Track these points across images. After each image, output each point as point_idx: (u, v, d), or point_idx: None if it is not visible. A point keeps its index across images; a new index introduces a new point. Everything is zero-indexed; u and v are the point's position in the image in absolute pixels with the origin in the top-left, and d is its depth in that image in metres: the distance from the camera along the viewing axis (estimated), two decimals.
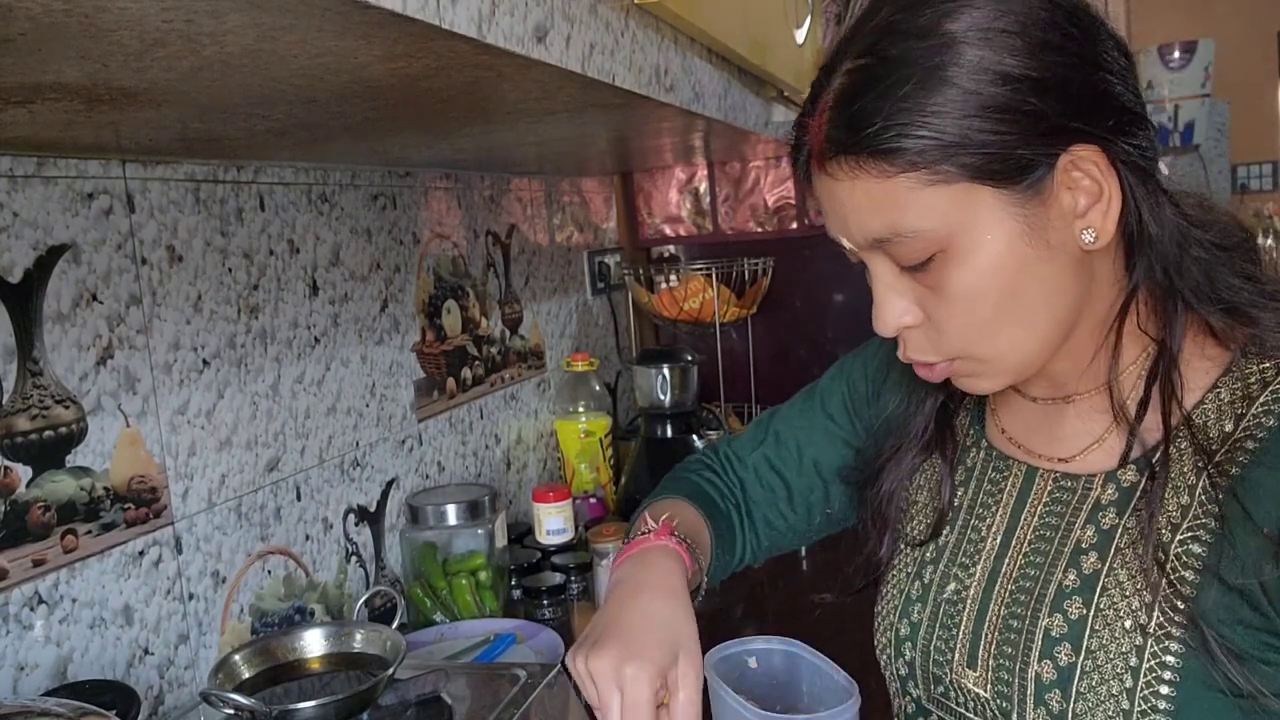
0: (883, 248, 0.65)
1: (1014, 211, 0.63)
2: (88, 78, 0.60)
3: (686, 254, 2.32)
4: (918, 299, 0.67)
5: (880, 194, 0.63)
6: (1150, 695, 0.63)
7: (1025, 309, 0.65)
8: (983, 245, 0.63)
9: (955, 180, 0.61)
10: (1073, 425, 0.74)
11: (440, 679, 1.01)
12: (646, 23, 0.90)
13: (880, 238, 0.65)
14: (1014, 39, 0.60)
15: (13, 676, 0.90)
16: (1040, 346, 0.67)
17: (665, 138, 1.45)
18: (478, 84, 0.76)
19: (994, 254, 0.63)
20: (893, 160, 0.62)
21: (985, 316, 0.65)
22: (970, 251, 0.63)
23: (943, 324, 0.66)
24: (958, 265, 0.64)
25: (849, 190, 0.65)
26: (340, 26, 0.53)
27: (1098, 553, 0.68)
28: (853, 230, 0.66)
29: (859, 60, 0.64)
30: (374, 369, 1.43)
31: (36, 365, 0.93)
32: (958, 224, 0.62)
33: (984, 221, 0.63)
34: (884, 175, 0.62)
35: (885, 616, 0.82)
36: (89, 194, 0.99)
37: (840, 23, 2.22)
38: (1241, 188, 4.31)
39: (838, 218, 0.67)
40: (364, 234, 1.42)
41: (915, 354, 0.70)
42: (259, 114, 0.81)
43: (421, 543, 1.44)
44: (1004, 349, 0.67)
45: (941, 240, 0.63)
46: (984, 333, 0.66)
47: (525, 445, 1.88)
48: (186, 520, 1.09)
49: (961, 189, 0.62)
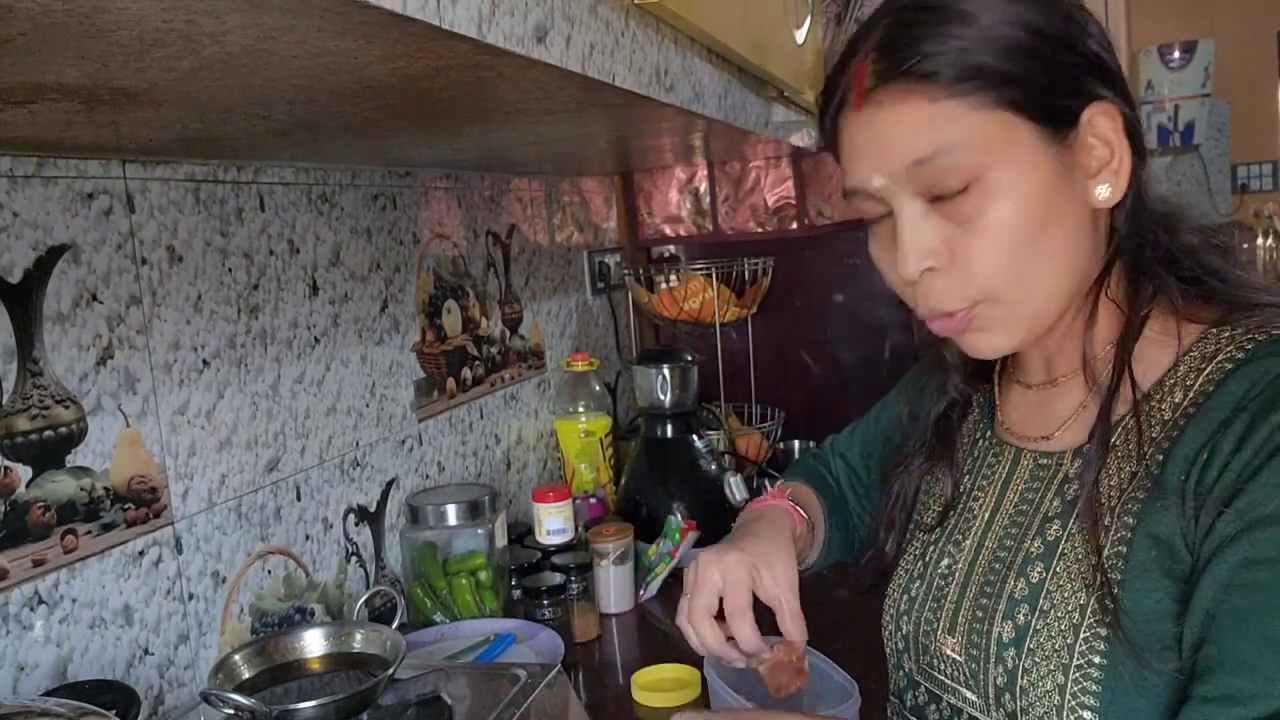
0: (921, 175, 0.67)
1: (1049, 152, 0.67)
2: (88, 78, 0.60)
3: (686, 254, 2.32)
4: (944, 240, 0.69)
5: (928, 116, 0.66)
6: (1086, 650, 0.67)
7: (1050, 250, 0.68)
8: (1019, 178, 0.66)
9: (995, 108, 0.66)
10: (1058, 407, 0.78)
11: (440, 679, 1.01)
12: (646, 23, 0.90)
13: (924, 157, 0.67)
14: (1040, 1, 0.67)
15: (13, 676, 0.90)
16: (1055, 295, 0.70)
17: (665, 138, 1.45)
18: (478, 84, 0.76)
19: (1028, 188, 0.67)
20: (939, 83, 0.66)
21: (1015, 250, 0.68)
22: (1006, 184, 0.66)
23: (971, 259, 0.68)
24: (994, 195, 0.67)
25: (896, 116, 0.68)
26: (340, 27, 0.53)
27: (1059, 521, 0.73)
28: (894, 158, 0.68)
29: (901, 12, 0.69)
30: (374, 369, 1.43)
31: (36, 365, 0.93)
32: (998, 152, 0.66)
33: (1021, 156, 0.66)
34: (931, 98, 0.66)
35: (890, 594, 0.87)
36: (89, 194, 0.99)
37: (840, 23, 2.22)
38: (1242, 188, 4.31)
39: (877, 149, 0.69)
40: (364, 234, 1.42)
41: (936, 303, 0.71)
42: (259, 114, 0.81)
43: (421, 543, 1.44)
44: (1026, 290, 0.69)
45: (981, 166, 0.66)
46: (1011, 268, 0.68)
47: (525, 445, 1.88)
48: (186, 520, 1.09)
49: (1002, 118, 0.66)
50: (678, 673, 1.22)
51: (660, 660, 1.26)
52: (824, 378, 2.24)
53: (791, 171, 2.13)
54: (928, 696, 0.81)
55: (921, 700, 0.82)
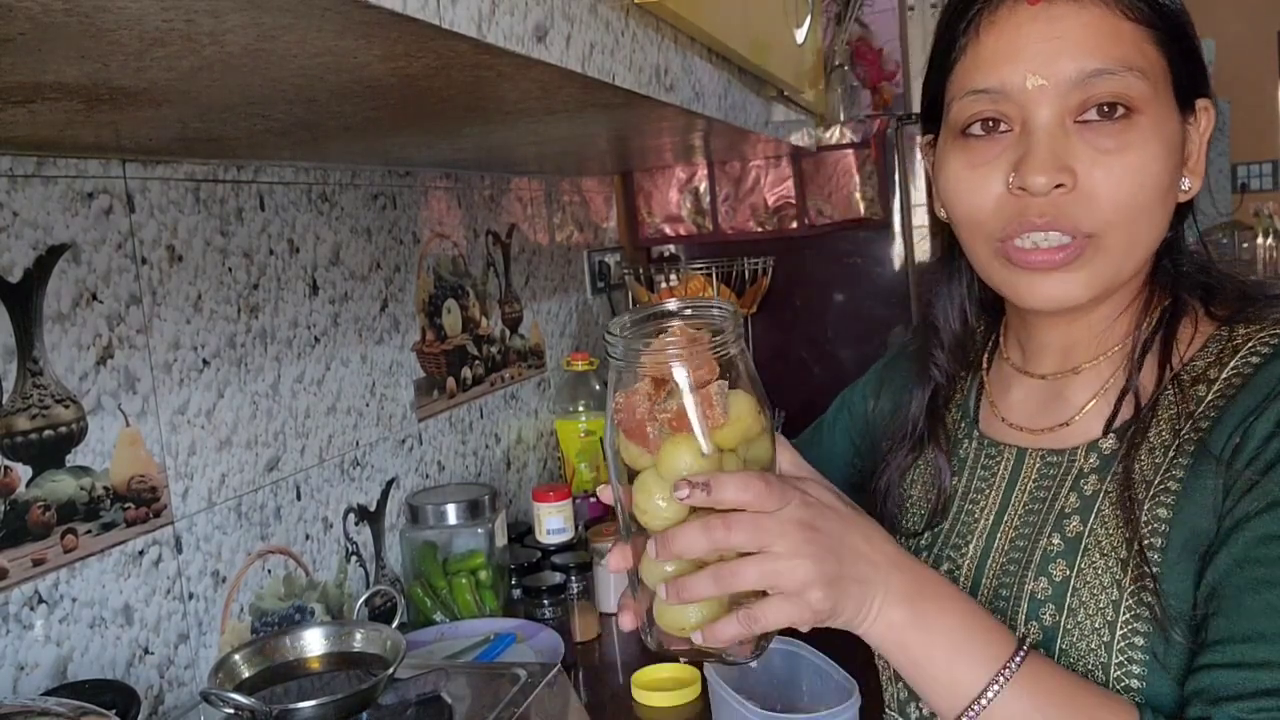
0: (1091, 86, 0.66)
1: (1179, 130, 0.70)
2: (88, 77, 0.60)
3: (686, 253, 2.32)
4: (1081, 161, 0.67)
5: (1118, 31, 0.67)
6: (1126, 648, 0.66)
7: (1160, 213, 0.69)
8: (1164, 131, 0.68)
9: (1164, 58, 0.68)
10: (1074, 398, 0.76)
11: (440, 678, 1.01)
12: (646, 22, 0.90)
13: (1104, 69, 0.66)
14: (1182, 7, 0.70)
15: (13, 676, 0.90)
16: (1142, 258, 0.71)
17: (665, 137, 1.45)
18: (478, 84, 0.76)
19: (1167, 145, 0.68)
20: (1143, 10, 0.67)
21: (1145, 195, 0.68)
22: (1155, 128, 0.67)
23: (1101, 188, 0.67)
24: (1145, 134, 0.67)
25: (1086, 17, 0.67)
26: (340, 26, 0.53)
27: (1079, 517, 0.71)
28: (1068, 61, 0.66)
29: None
30: (374, 368, 1.43)
31: (36, 365, 0.93)
32: (1156, 98, 0.67)
33: (1167, 116, 0.69)
34: (1130, 15, 0.67)
35: None
36: (89, 193, 0.99)
37: (840, 23, 2.22)
38: (1242, 187, 4.31)
39: (1050, 48, 0.67)
40: (364, 233, 1.42)
41: (1057, 220, 0.67)
42: (259, 114, 0.81)
43: (421, 542, 1.44)
44: (1132, 242, 0.69)
45: (1145, 100, 0.67)
46: (1134, 212, 0.68)
47: (525, 445, 1.88)
48: (186, 520, 1.09)
49: (1165, 71, 0.68)
50: (678, 672, 1.22)
51: (660, 660, 1.26)
52: (824, 377, 2.24)
53: (791, 171, 2.13)
54: (930, 711, 0.76)
55: (926, 713, 0.78)
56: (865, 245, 2.17)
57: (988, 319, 0.86)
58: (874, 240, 2.16)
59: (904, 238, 2.12)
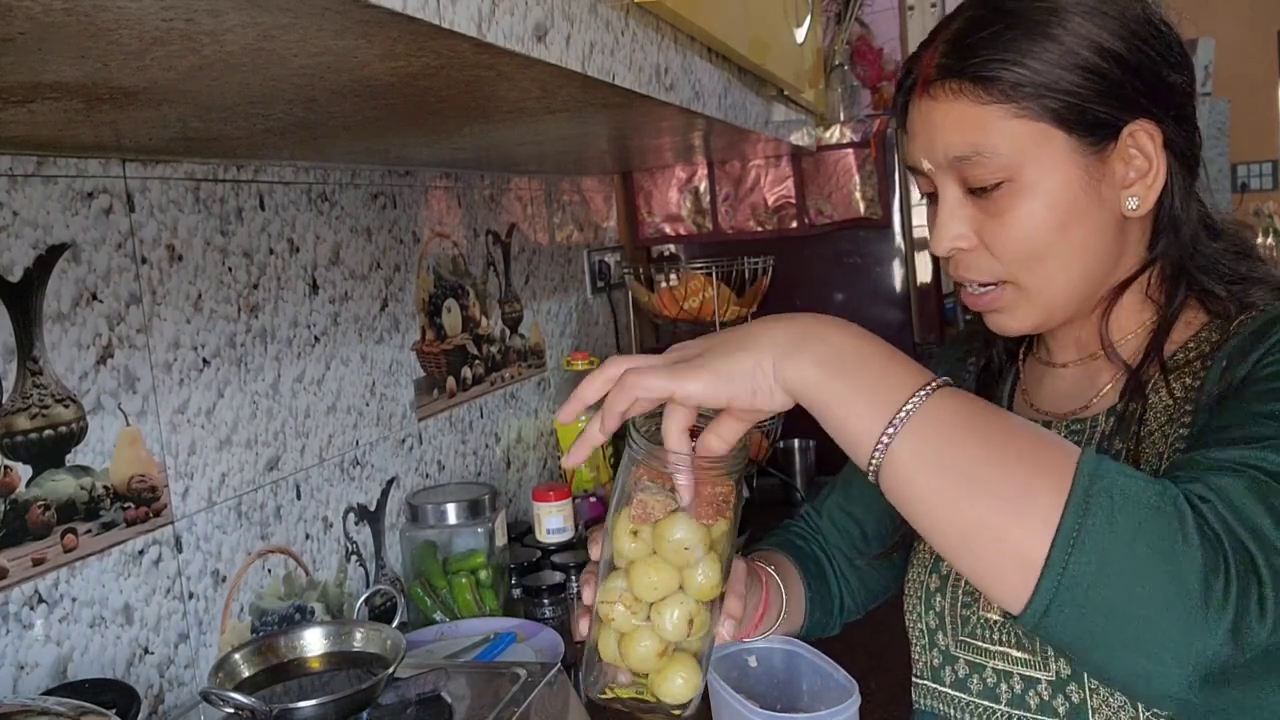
0: (959, 168, 0.75)
1: (1078, 160, 0.73)
2: (87, 77, 0.60)
3: (686, 253, 2.32)
4: (975, 226, 0.76)
5: (972, 117, 0.73)
6: None
7: (1069, 247, 0.74)
8: (1046, 181, 0.73)
9: (1037, 119, 0.72)
10: (1097, 380, 0.82)
11: (440, 678, 1.01)
12: (646, 22, 0.90)
13: (962, 155, 0.74)
14: (1113, 22, 0.72)
15: (13, 675, 0.90)
16: (1071, 289, 0.76)
17: (665, 137, 1.45)
18: (478, 83, 0.76)
19: (1054, 191, 0.73)
20: (989, 89, 0.72)
21: (1036, 245, 0.74)
22: (1034, 184, 0.73)
23: (998, 248, 0.75)
24: (1021, 195, 0.73)
25: (945, 111, 0.74)
26: (340, 25, 0.53)
27: None
28: (938, 149, 0.75)
29: (979, 9, 0.75)
30: (374, 368, 1.43)
31: (36, 364, 0.93)
32: (1030, 157, 0.72)
33: (1052, 161, 0.73)
34: (979, 101, 0.73)
35: (915, 579, 0.87)
36: (89, 193, 0.99)
37: (840, 22, 2.22)
38: (1242, 187, 4.31)
39: (927, 138, 0.77)
40: (364, 233, 1.42)
41: (964, 272, 0.78)
42: (259, 113, 0.81)
43: (421, 541, 1.44)
44: (1044, 281, 0.75)
45: (1013, 169, 0.73)
46: (1030, 261, 0.75)
47: (525, 444, 1.88)
48: (186, 519, 1.09)
49: (1040, 128, 0.72)
50: None
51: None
52: None
53: (791, 170, 2.13)
54: (969, 669, 0.81)
55: (962, 674, 0.82)
56: (865, 245, 2.17)
57: None
58: (874, 240, 2.16)
59: (904, 237, 2.12)
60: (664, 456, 0.65)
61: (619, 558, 0.68)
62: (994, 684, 0.79)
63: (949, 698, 0.83)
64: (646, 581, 0.66)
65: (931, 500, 0.59)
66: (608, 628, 0.69)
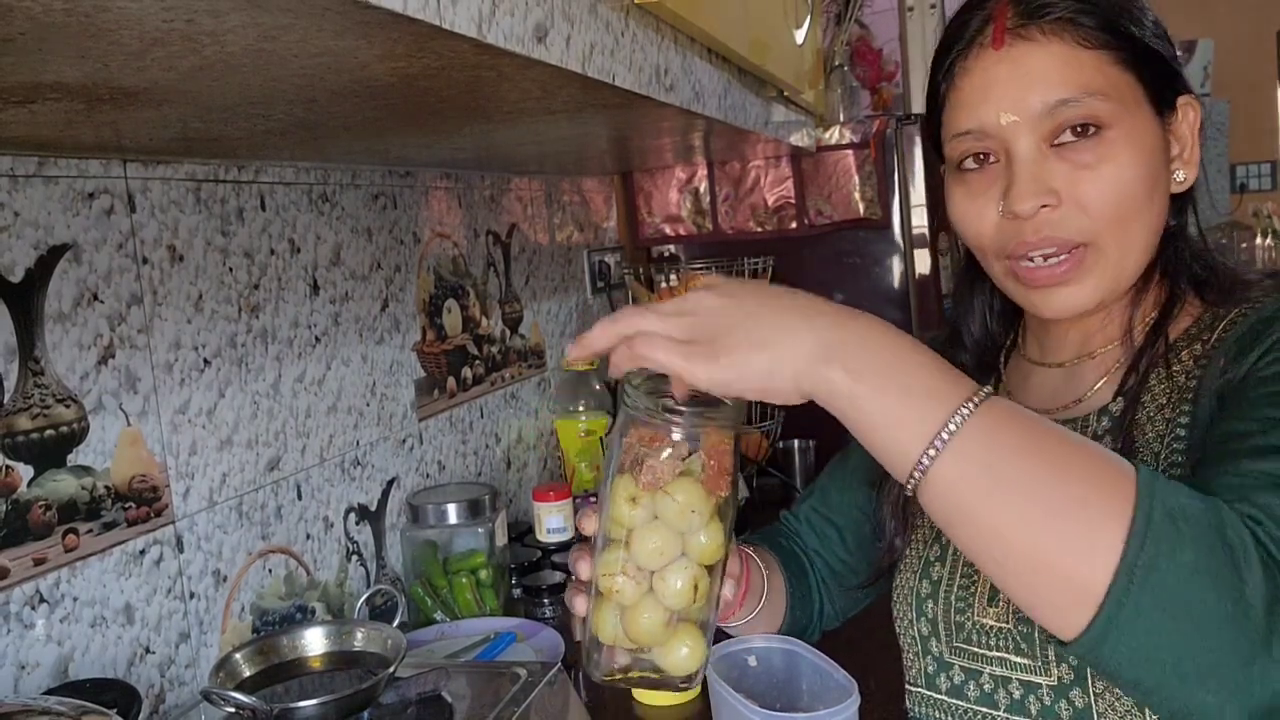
0: (1059, 114, 0.72)
1: (1157, 126, 0.75)
2: (88, 77, 0.60)
3: (686, 253, 2.32)
4: (1063, 181, 0.73)
5: (1077, 59, 0.72)
6: None
7: (1152, 213, 0.74)
8: (1138, 139, 0.73)
9: (1130, 72, 0.73)
10: (1090, 377, 0.81)
11: (441, 677, 1.01)
12: (646, 23, 0.91)
13: (1068, 98, 0.72)
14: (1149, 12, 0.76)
15: (14, 675, 0.90)
16: (1139, 262, 0.75)
17: (665, 137, 1.46)
18: (478, 84, 0.76)
19: (1145, 151, 0.73)
20: (1090, 31, 0.72)
21: (1130, 202, 0.73)
22: (1128, 139, 0.72)
23: (1090, 202, 0.72)
24: (1116, 147, 0.72)
25: (1045, 53, 0.72)
26: (340, 26, 0.53)
27: None
28: (1034, 96, 0.72)
29: None
30: (374, 368, 1.43)
31: (38, 364, 0.93)
32: (1128, 110, 0.73)
33: (1144, 120, 0.74)
34: (1086, 45, 0.72)
35: (904, 585, 0.86)
36: (90, 194, 0.99)
37: (840, 23, 2.22)
38: (1241, 187, 4.31)
39: (1019, 87, 0.73)
40: (364, 233, 1.42)
41: (1050, 231, 0.73)
42: (259, 114, 0.81)
43: (422, 541, 1.44)
44: (1127, 243, 0.74)
45: (1112, 117, 0.72)
46: (1123, 218, 0.73)
47: (525, 444, 1.88)
48: (187, 519, 1.09)
49: (1133, 84, 0.73)
50: None
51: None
52: None
53: (791, 171, 2.13)
54: (964, 675, 0.80)
55: (958, 681, 0.81)
56: (865, 245, 2.17)
57: (1004, 324, 0.91)
58: (873, 240, 2.16)
59: (903, 238, 2.13)
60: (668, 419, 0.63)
61: (617, 527, 0.66)
62: (991, 690, 0.78)
63: (945, 705, 0.82)
64: (650, 547, 0.64)
65: (979, 525, 0.55)
66: (608, 604, 0.67)
